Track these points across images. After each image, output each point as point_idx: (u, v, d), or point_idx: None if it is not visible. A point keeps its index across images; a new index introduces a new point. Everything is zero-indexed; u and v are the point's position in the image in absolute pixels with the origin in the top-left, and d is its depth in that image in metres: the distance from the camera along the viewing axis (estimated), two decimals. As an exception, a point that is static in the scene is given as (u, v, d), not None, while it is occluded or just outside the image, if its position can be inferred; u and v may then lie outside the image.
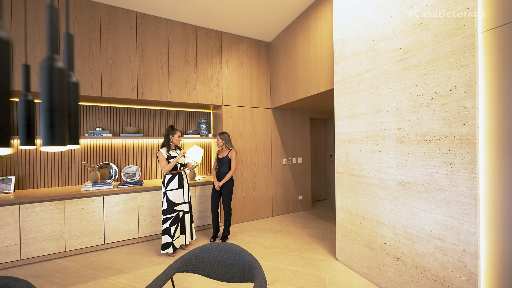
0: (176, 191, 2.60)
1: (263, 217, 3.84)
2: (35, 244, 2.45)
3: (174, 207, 2.57)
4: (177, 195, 2.61)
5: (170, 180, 2.60)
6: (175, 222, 2.58)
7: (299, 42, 3.11)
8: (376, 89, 1.98)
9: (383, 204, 1.94)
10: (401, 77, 1.78)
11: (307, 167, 4.29)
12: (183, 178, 2.70)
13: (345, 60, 2.29)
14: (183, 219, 2.67)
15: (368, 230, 2.08)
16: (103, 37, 2.76)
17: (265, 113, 3.87)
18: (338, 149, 2.41)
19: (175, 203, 2.58)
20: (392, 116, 1.85)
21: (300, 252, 2.63)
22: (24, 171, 2.82)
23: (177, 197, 2.60)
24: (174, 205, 2.57)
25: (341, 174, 2.37)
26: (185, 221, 2.68)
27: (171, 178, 2.60)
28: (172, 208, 2.56)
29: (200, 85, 3.34)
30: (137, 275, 2.21)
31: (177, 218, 2.61)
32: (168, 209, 2.55)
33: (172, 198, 2.57)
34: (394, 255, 1.85)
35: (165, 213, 2.55)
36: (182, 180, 2.68)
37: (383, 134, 1.92)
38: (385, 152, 1.91)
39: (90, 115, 3.13)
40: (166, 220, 2.54)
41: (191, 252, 1.30)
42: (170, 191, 2.58)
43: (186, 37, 3.23)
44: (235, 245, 1.30)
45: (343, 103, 2.32)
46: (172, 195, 2.57)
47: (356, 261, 2.21)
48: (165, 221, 2.54)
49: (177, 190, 2.61)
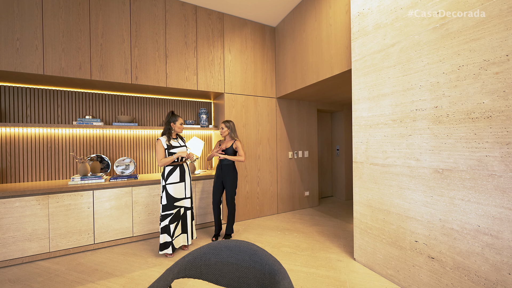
0: (177, 185, 2.33)
1: (267, 214, 3.58)
2: (14, 244, 2.16)
3: (174, 202, 2.30)
4: (178, 190, 2.33)
5: (171, 173, 2.32)
6: (175, 219, 2.31)
7: (309, 23, 2.84)
8: (405, 64, 1.72)
9: (413, 196, 1.68)
10: (438, 47, 1.53)
11: (314, 161, 4.03)
12: (185, 170, 2.42)
13: (365, 35, 2.03)
14: (184, 216, 2.40)
15: (394, 226, 1.82)
16: (92, 13, 2.47)
17: (270, 102, 3.60)
18: (356, 136, 2.15)
19: (175, 198, 2.31)
20: (425, 94, 1.60)
21: (313, 252, 2.37)
22: (5, 163, 2.52)
23: (178, 192, 2.33)
24: (174, 201, 2.30)
25: (360, 164, 2.11)
26: (186, 219, 2.40)
27: (171, 171, 2.32)
28: (172, 203, 2.28)
29: (201, 71, 3.07)
30: (130, 279, 1.94)
31: (178, 215, 2.35)
32: (167, 205, 2.27)
33: (172, 192, 2.29)
34: (429, 254, 1.60)
35: (164, 209, 2.27)
36: (184, 172, 2.40)
37: (414, 115, 1.67)
38: (416, 136, 1.66)
39: (79, 102, 2.84)
40: (165, 217, 2.27)
41: (194, 253, 1.03)
42: (171, 185, 2.29)
43: (185, 17, 2.96)
44: (249, 243, 1.03)
45: (363, 84, 2.06)
46: (172, 189, 2.29)
47: (379, 261, 1.95)
48: (163, 218, 2.27)
49: (178, 184, 2.33)
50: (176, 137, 2.43)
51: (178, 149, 2.34)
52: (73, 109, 2.81)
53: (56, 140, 2.74)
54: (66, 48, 2.37)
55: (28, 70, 2.23)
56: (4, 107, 2.53)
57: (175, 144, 2.35)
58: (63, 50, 2.36)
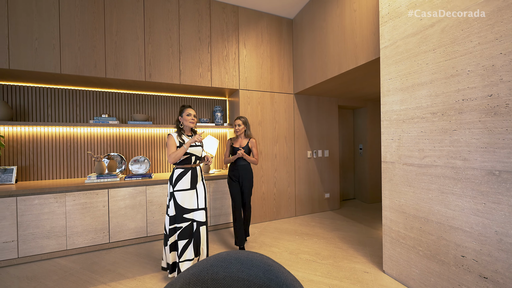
0: (186, 193, 1.89)
1: (285, 216, 3.39)
2: (33, 240, 2.19)
3: (184, 214, 1.87)
4: (188, 198, 1.90)
5: (180, 177, 1.89)
6: (185, 235, 1.85)
7: (330, 10, 2.62)
8: (448, 47, 1.46)
9: (459, 202, 1.42)
10: (493, 22, 1.26)
11: (335, 161, 3.77)
12: (197, 175, 1.97)
13: (397, 17, 1.78)
14: (197, 234, 1.89)
15: (434, 236, 1.56)
16: (107, 10, 2.46)
17: (287, 99, 3.41)
18: (386, 132, 1.90)
19: (185, 209, 1.87)
20: (476, 80, 1.33)
21: (335, 261, 2.15)
22: (27, 162, 2.60)
23: (187, 201, 1.89)
24: (184, 212, 1.86)
25: (391, 164, 1.86)
26: (200, 236, 1.89)
27: (181, 174, 1.90)
28: (181, 215, 1.85)
29: (215, 66, 2.96)
30: (140, 281, 1.87)
31: (189, 231, 1.87)
32: (176, 216, 1.86)
33: (180, 201, 1.86)
34: (480, 273, 1.33)
35: (172, 221, 1.86)
36: (196, 177, 1.96)
37: (461, 106, 1.41)
38: (463, 131, 1.40)
39: (96, 101, 2.87)
40: (173, 231, 1.86)
41: (200, 264, 0.89)
42: (179, 192, 1.87)
43: (198, 12, 2.87)
44: (263, 256, 0.87)
45: (394, 73, 1.81)
46: (181, 197, 1.87)
47: (415, 276, 1.69)
48: (171, 233, 1.85)
49: (187, 191, 1.89)
50: (191, 135, 2.05)
51: (193, 149, 1.93)
52: (91, 108, 2.84)
53: (74, 138, 2.78)
54: (82, 47, 2.38)
55: (46, 69, 2.26)
56: (29, 107, 2.61)
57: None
58: (79, 48, 2.36)
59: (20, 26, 2.18)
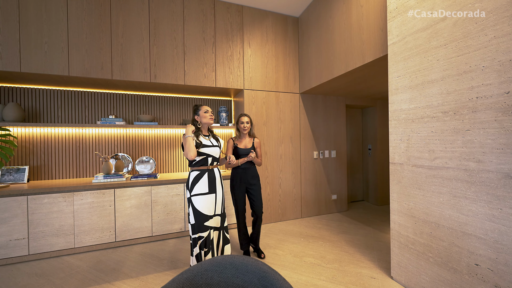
0: (205, 198, 1.73)
1: (290, 218, 3.34)
2: (43, 238, 2.26)
3: (205, 221, 1.70)
4: (207, 204, 1.73)
5: (197, 180, 1.73)
6: (207, 245, 1.71)
7: (336, 7, 2.55)
8: (461, 41, 1.37)
9: (473, 207, 1.33)
10: (510, 14, 1.17)
11: (342, 161, 3.68)
12: (215, 178, 1.83)
13: (405, 11, 1.70)
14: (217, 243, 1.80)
15: (445, 243, 1.48)
16: (113, 13, 2.50)
17: (293, 98, 3.36)
18: (394, 132, 1.82)
19: (205, 216, 1.71)
20: (492, 76, 1.24)
21: (341, 265, 2.09)
22: (39, 161, 2.69)
23: (206, 207, 1.72)
24: (204, 219, 1.70)
25: (399, 165, 1.78)
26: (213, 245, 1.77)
27: (197, 177, 1.75)
28: (202, 223, 1.69)
29: (219, 67, 2.95)
30: (143, 281, 1.88)
31: (209, 241, 1.75)
32: (197, 225, 1.68)
33: (200, 207, 1.69)
34: (496, 283, 1.24)
35: (194, 230, 1.70)
36: (214, 180, 1.81)
37: (474, 104, 1.32)
38: (477, 131, 1.31)
39: (103, 102, 2.92)
40: (196, 241, 1.70)
41: (194, 269, 0.87)
42: (197, 197, 1.71)
43: (203, 12, 2.87)
44: (258, 262, 0.84)
45: (403, 70, 1.73)
46: (199, 202, 1.70)
47: (425, 284, 1.61)
48: (195, 243, 1.70)
49: (206, 195, 1.74)
50: (208, 135, 1.90)
51: (209, 149, 1.80)
52: (98, 109, 2.90)
53: (82, 139, 2.84)
54: (89, 49, 2.43)
55: (55, 72, 2.32)
56: (41, 108, 2.69)
57: (205, 142, 1.81)
58: (86, 51, 2.41)
59: (30, 30, 2.25)
